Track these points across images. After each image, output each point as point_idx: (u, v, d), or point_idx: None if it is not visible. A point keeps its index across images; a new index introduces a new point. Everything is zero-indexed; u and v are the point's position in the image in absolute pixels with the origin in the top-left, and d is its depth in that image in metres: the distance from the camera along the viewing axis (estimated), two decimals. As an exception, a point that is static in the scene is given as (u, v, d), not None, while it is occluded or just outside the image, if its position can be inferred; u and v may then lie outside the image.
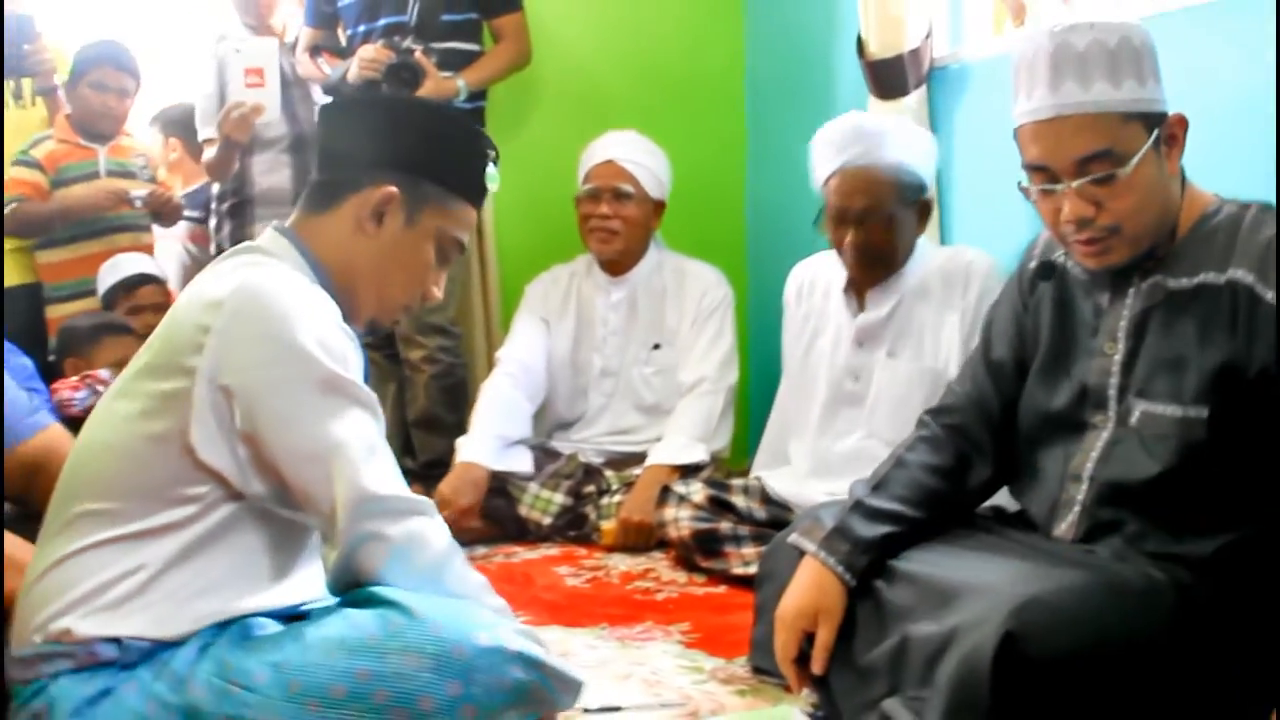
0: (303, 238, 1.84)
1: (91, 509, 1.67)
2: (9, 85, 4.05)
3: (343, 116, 1.97)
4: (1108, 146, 1.77)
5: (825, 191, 2.90)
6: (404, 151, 1.85)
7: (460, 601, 1.69)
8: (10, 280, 3.95)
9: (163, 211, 4.15)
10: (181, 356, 1.67)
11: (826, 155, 2.89)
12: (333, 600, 1.74)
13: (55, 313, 4.02)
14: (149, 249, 4.19)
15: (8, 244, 3.99)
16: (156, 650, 1.63)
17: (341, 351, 1.69)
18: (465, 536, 3.38)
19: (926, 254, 2.96)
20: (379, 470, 1.66)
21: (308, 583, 1.80)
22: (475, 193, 1.93)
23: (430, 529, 1.71)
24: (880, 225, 2.84)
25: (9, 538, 1.97)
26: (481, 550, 3.35)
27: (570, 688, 1.71)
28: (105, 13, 4.96)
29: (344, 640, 1.61)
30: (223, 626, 1.66)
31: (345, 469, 1.63)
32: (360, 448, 1.65)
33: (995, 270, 2.87)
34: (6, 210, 3.90)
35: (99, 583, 1.63)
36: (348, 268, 1.84)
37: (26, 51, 3.96)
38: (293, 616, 1.74)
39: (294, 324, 1.66)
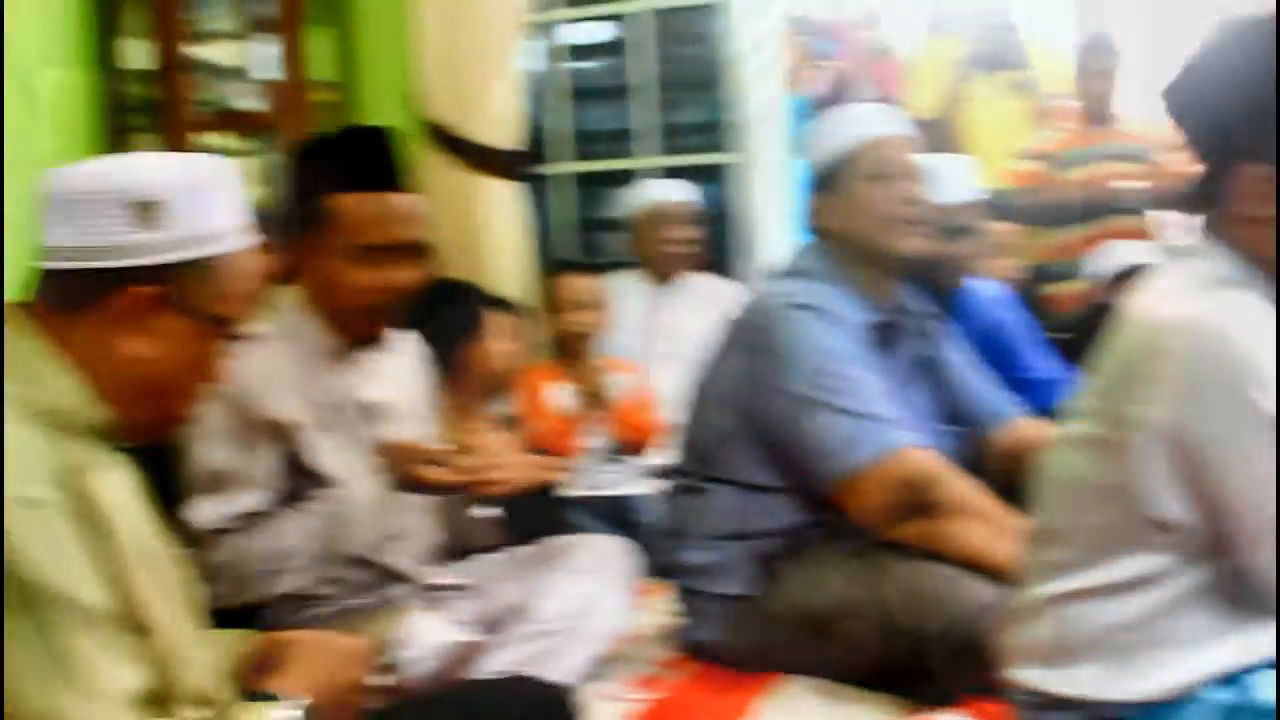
0: (1223, 241, 1.52)
1: (1051, 560, 1.60)
2: (998, 79, 4.32)
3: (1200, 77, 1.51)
4: None
5: None
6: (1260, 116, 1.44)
7: None
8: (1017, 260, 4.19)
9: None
10: (1118, 403, 1.49)
11: None
12: None
13: (1047, 290, 4.22)
14: (1142, 234, 4.13)
15: (1019, 230, 4.26)
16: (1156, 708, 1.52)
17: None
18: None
19: None
20: None
21: None
22: None
23: None
24: None
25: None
26: None
27: None
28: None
29: None
30: (1227, 682, 1.50)
31: None
32: None
33: None
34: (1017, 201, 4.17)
35: (1061, 641, 1.57)
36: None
37: (1008, 49, 4.20)
38: None
39: (1250, 376, 1.41)
